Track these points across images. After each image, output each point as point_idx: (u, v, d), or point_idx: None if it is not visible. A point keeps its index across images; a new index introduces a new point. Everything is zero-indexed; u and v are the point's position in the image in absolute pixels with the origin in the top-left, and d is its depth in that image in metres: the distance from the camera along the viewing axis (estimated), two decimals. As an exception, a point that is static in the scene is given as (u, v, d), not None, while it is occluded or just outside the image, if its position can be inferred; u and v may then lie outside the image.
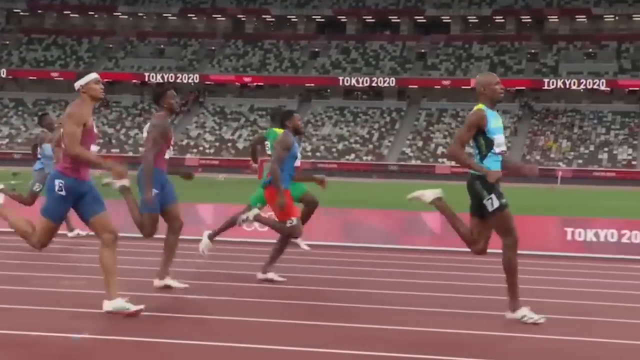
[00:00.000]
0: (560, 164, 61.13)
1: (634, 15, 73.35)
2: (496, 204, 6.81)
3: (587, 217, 14.99)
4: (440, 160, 64.18)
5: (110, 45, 78.44)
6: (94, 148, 6.70)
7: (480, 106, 7.03)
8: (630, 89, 68.59)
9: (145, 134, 8.16)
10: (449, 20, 76.62)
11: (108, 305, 6.70)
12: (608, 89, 68.26)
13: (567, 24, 74.86)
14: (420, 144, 66.81)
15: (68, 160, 6.59)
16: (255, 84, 74.68)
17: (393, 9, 77.54)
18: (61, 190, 6.58)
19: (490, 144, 6.89)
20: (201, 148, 68.07)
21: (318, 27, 78.96)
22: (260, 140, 10.61)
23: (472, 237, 7.06)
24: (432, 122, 69.83)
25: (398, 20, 77.79)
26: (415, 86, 72.55)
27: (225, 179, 40.35)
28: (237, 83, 74.82)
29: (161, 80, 74.27)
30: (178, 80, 74.12)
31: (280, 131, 9.41)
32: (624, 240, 12.58)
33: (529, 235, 11.43)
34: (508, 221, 6.86)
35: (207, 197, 21.18)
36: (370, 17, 78.06)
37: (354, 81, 72.07)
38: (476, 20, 76.74)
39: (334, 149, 66.53)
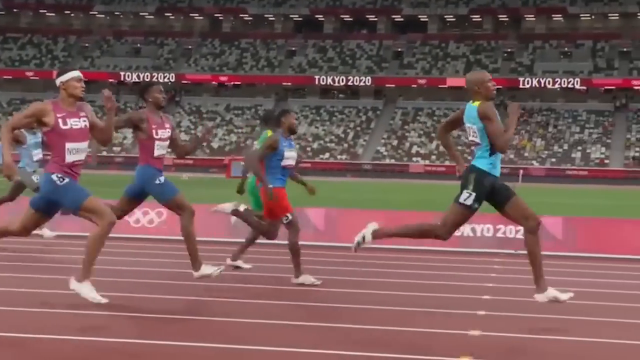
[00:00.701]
0: (534, 162, 61.27)
1: (609, 15, 73.60)
2: (469, 202, 6.94)
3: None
4: (414, 159, 64.25)
5: (87, 45, 78.17)
6: (75, 146, 6.68)
7: (477, 101, 7.08)
8: (605, 87, 68.87)
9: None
10: (427, 19, 76.69)
11: (75, 285, 6.80)
12: (583, 87, 68.48)
13: (544, 22, 75.03)
14: (395, 142, 66.84)
15: (53, 165, 6.64)
16: (231, 83, 74.56)
17: (370, 7, 77.55)
18: (62, 180, 6.64)
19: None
20: (176, 147, 67.80)
21: (296, 26, 78.91)
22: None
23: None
24: (408, 121, 69.88)
25: (375, 19, 77.82)
26: (392, 85, 72.61)
27: (189, 178, 40.23)
28: (213, 82, 74.68)
29: (137, 80, 74.07)
30: (154, 80, 73.97)
31: (270, 133, 9.45)
32: (499, 234, 12.75)
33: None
34: (459, 221, 7.05)
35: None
36: (348, 16, 78.06)
37: (329, 80, 72.05)
38: (453, 19, 76.82)
39: (308, 148, 66.47)
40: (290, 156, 8.78)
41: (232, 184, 11.72)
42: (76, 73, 6.76)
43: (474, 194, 6.91)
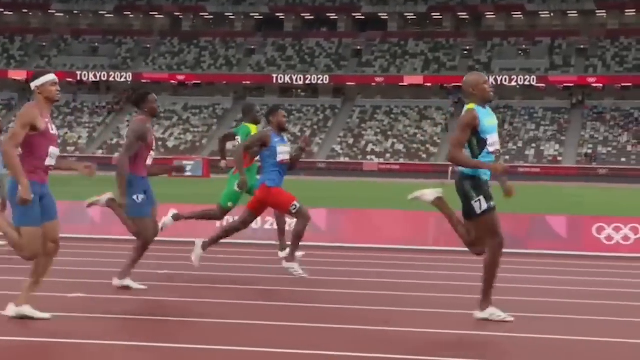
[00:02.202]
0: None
1: (568, 12, 73.70)
2: (484, 206, 6.70)
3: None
4: (369, 157, 64.12)
5: (44, 44, 77.55)
6: (54, 150, 6.52)
7: (472, 105, 6.80)
8: (564, 85, 68.97)
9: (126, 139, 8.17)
10: (387, 17, 76.56)
11: (11, 310, 6.50)
12: (540, 85, 68.54)
13: (503, 20, 75.06)
14: (351, 141, 66.67)
15: (25, 166, 6.38)
16: (188, 82, 74.16)
17: (330, 5, 77.34)
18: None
19: (483, 143, 6.72)
20: (130, 147, 67.38)
21: (257, 25, 78.60)
22: (230, 136, 10.45)
23: (470, 237, 6.91)
24: (365, 119, 69.73)
25: (336, 18, 77.61)
26: (351, 83, 72.45)
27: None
28: (170, 81, 74.23)
29: (94, 79, 73.63)
30: (111, 79, 73.56)
31: (252, 127, 9.59)
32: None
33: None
34: (494, 224, 6.75)
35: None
36: (309, 14, 77.83)
37: (287, 79, 71.80)
38: (414, 17, 76.73)
39: (264, 147, 66.14)
40: (284, 151, 8.87)
41: (172, 183, 11.48)
42: (51, 76, 6.55)
43: (481, 197, 6.71)
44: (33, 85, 6.53)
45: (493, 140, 6.76)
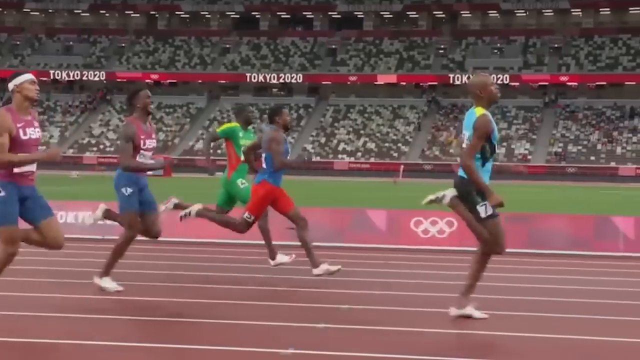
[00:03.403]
0: (458, 159, 61.09)
1: (543, 10, 73.68)
2: (489, 211, 6.70)
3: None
4: (340, 156, 64.01)
5: (18, 42, 77.26)
6: (40, 148, 6.56)
7: (482, 111, 6.68)
8: (535, 83, 68.93)
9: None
10: (362, 16, 76.44)
11: None
12: (513, 83, 68.48)
13: (479, 19, 75.02)
14: (323, 140, 66.55)
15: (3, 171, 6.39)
16: (162, 81, 73.93)
17: (306, 4, 77.19)
18: (0, 192, 6.38)
19: (493, 149, 6.77)
20: (102, 146, 67.21)
21: (233, 24, 78.43)
22: (213, 136, 10.16)
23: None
24: (339, 118, 69.62)
25: (311, 16, 77.46)
26: (327, 82, 72.30)
27: (79, 175, 39.92)
28: (144, 80, 73.96)
29: (67, 78, 73.40)
30: (84, 78, 73.31)
31: (234, 125, 9.56)
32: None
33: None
34: (497, 229, 6.74)
35: (58, 195, 20.44)
36: (284, 12, 77.68)
37: (261, 78, 71.66)
38: (390, 16, 76.63)
39: (236, 146, 66.01)
40: (289, 153, 8.87)
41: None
42: (29, 76, 6.52)
43: (486, 202, 6.67)
44: (11, 84, 6.44)
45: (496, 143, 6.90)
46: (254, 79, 71.67)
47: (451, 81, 69.06)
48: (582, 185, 48.17)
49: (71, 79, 73.55)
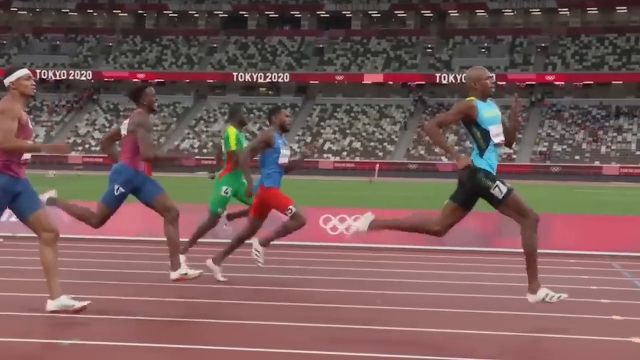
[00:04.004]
0: (443, 158, 61.10)
1: (530, 10, 73.71)
2: (504, 189, 6.73)
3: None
4: (325, 155, 63.97)
5: (4, 42, 77.12)
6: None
7: (471, 97, 6.86)
8: (525, 83, 68.95)
9: (124, 132, 7.82)
10: (350, 15, 76.42)
11: (52, 305, 6.48)
12: (500, 82, 68.40)
13: (466, 18, 75.02)
14: (308, 139, 66.51)
15: (1, 158, 6.31)
16: (149, 80, 73.78)
17: (294, 3, 77.14)
18: None
19: (486, 135, 6.75)
20: (87, 146, 67.12)
21: (221, 23, 78.37)
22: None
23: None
24: (325, 117, 69.60)
25: (299, 15, 77.43)
26: (314, 81, 72.29)
27: (55, 175, 39.91)
28: (131, 80, 73.91)
29: (54, 77, 73.30)
30: (71, 77, 73.23)
31: (230, 130, 9.35)
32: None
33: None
34: (520, 202, 6.79)
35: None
36: (272, 12, 77.63)
37: (248, 77, 71.62)
38: (378, 15, 76.60)
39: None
40: (285, 154, 8.72)
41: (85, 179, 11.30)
42: (25, 71, 6.53)
43: (497, 182, 6.71)
44: (7, 81, 6.43)
45: (497, 132, 6.81)
46: (242, 78, 71.63)
47: (438, 80, 69.09)
48: (562, 184, 48.19)
49: (58, 78, 73.46)
